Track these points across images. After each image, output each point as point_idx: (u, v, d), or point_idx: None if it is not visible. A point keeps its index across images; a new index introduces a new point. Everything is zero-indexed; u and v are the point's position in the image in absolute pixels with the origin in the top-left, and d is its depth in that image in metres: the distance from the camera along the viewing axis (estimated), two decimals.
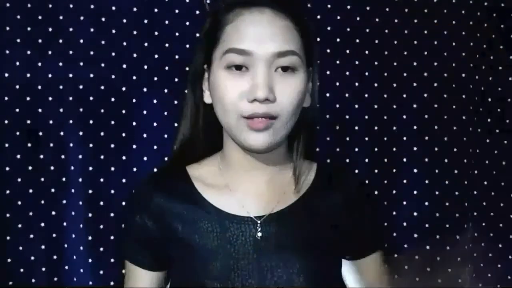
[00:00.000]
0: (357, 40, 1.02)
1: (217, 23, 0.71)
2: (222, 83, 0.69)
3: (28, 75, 0.97)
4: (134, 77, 0.99)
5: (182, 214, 0.74)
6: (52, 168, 0.99)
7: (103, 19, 0.98)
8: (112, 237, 1.00)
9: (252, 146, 0.69)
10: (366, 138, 1.03)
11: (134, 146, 1.00)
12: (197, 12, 1.00)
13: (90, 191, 0.99)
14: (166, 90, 1.00)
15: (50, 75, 0.98)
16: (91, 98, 0.99)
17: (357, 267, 0.78)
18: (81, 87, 0.98)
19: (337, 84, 1.02)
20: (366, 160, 1.03)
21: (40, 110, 0.98)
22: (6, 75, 0.96)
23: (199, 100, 0.76)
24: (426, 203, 1.02)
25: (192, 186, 0.76)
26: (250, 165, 0.74)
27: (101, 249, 0.99)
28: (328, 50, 1.02)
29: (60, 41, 0.98)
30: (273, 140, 0.69)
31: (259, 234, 0.72)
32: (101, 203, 0.99)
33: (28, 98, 0.97)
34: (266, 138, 0.68)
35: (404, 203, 1.03)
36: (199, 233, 0.73)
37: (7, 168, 0.97)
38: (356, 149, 1.03)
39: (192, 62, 0.77)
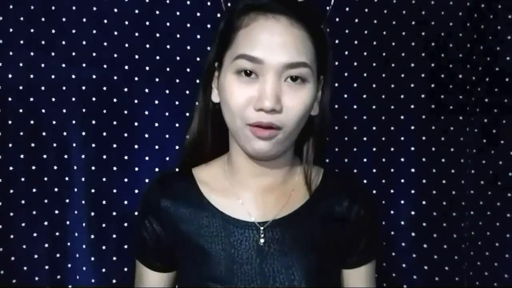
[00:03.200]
0: (356, 42, 1.03)
1: (231, 24, 0.70)
2: (230, 88, 0.68)
3: (31, 76, 0.98)
4: (136, 78, 1.00)
5: (188, 218, 0.75)
6: (55, 167, 0.99)
7: (105, 21, 0.99)
8: (114, 236, 1.00)
9: (255, 153, 0.69)
10: (365, 138, 1.04)
11: (136, 146, 1.01)
12: (198, 14, 1.00)
13: (93, 191, 0.99)
14: (167, 91, 1.01)
15: (53, 76, 0.98)
16: (93, 99, 0.99)
17: (350, 275, 0.79)
18: (83, 88, 0.99)
19: (336, 84, 1.03)
20: (365, 160, 1.04)
21: (43, 110, 0.98)
22: (10, 76, 0.97)
23: (208, 98, 0.76)
24: (424, 202, 1.03)
25: (198, 190, 0.76)
26: (255, 170, 0.74)
27: (104, 247, 1.00)
28: None
29: (63, 42, 0.99)
30: (277, 149, 0.69)
31: (262, 240, 0.72)
32: (104, 202, 1.00)
33: (31, 99, 0.98)
34: (270, 146, 0.68)
35: (402, 202, 1.03)
36: (204, 237, 0.73)
37: (11, 168, 0.97)
38: (355, 149, 1.04)
39: (205, 61, 0.76)
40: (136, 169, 1.01)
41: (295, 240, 0.73)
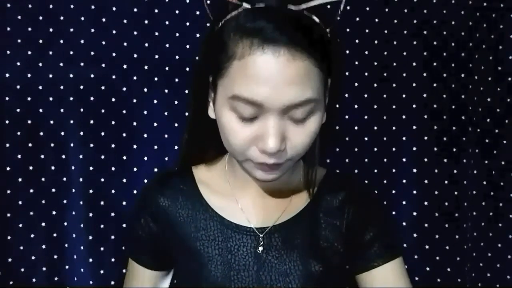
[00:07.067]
0: (357, 41, 1.02)
1: (223, 46, 0.60)
2: (229, 126, 0.61)
3: (29, 75, 0.97)
4: (135, 78, 0.99)
5: (186, 220, 0.73)
6: (52, 168, 0.99)
7: (103, 19, 0.98)
8: (112, 237, 1.00)
9: (260, 180, 0.66)
10: (366, 138, 1.03)
11: (135, 146, 1.00)
12: (197, 12, 0.99)
13: (91, 191, 0.99)
14: (166, 91, 1.00)
15: (50, 75, 0.98)
16: (91, 98, 0.98)
17: (373, 279, 0.73)
18: (81, 87, 0.98)
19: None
20: (366, 160, 1.03)
21: (40, 110, 0.98)
22: (7, 75, 0.96)
23: (202, 110, 0.70)
24: (425, 203, 1.02)
25: (197, 191, 0.75)
26: None
27: (102, 248, 0.99)
28: None
29: (61, 41, 0.98)
30: (283, 174, 0.66)
31: (260, 248, 0.70)
32: (102, 203, 0.99)
33: (28, 98, 0.97)
34: (275, 175, 0.65)
35: (404, 203, 1.03)
36: (201, 240, 0.72)
37: (8, 168, 0.97)
38: (356, 149, 1.03)
39: (195, 66, 0.72)
40: (135, 169, 1.00)
41: (294, 247, 0.71)
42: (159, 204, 0.75)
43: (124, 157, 1.00)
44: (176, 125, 1.00)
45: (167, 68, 1.00)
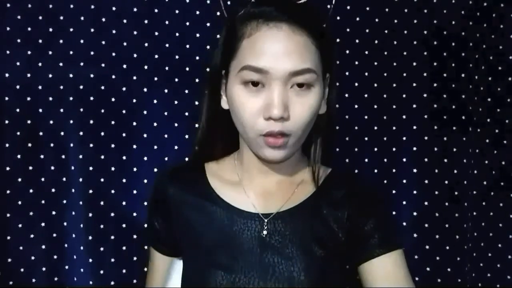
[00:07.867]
0: (357, 40, 1.02)
1: (234, 33, 0.71)
2: (238, 100, 0.70)
3: (29, 75, 0.97)
4: (134, 77, 0.99)
5: (194, 206, 0.78)
6: (52, 168, 0.98)
7: (103, 19, 0.98)
8: (112, 237, 1.00)
9: (268, 160, 0.72)
10: (366, 138, 1.03)
11: (134, 146, 1.00)
12: (197, 12, 0.99)
13: (91, 191, 0.98)
14: (166, 90, 1.00)
15: (50, 75, 0.98)
16: (91, 98, 0.98)
17: (373, 268, 0.74)
18: (81, 87, 0.98)
19: (337, 84, 1.02)
20: (366, 160, 1.03)
21: (40, 110, 0.98)
22: (7, 75, 0.96)
23: (216, 104, 0.77)
24: (426, 203, 1.02)
25: (206, 181, 0.80)
26: (263, 168, 0.78)
27: (102, 249, 0.99)
28: None
29: (61, 41, 0.98)
30: (289, 154, 0.72)
31: (265, 232, 0.74)
32: (102, 203, 0.99)
33: (28, 98, 0.97)
34: (282, 153, 0.71)
35: (404, 203, 1.02)
36: (208, 224, 0.76)
37: (8, 168, 0.97)
38: (356, 149, 1.03)
39: (210, 66, 0.78)
40: (135, 169, 1.00)
41: (297, 233, 0.74)
42: (169, 192, 0.80)
43: (124, 157, 1.00)
44: (176, 125, 1.00)
45: (167, 68, 1.00)
